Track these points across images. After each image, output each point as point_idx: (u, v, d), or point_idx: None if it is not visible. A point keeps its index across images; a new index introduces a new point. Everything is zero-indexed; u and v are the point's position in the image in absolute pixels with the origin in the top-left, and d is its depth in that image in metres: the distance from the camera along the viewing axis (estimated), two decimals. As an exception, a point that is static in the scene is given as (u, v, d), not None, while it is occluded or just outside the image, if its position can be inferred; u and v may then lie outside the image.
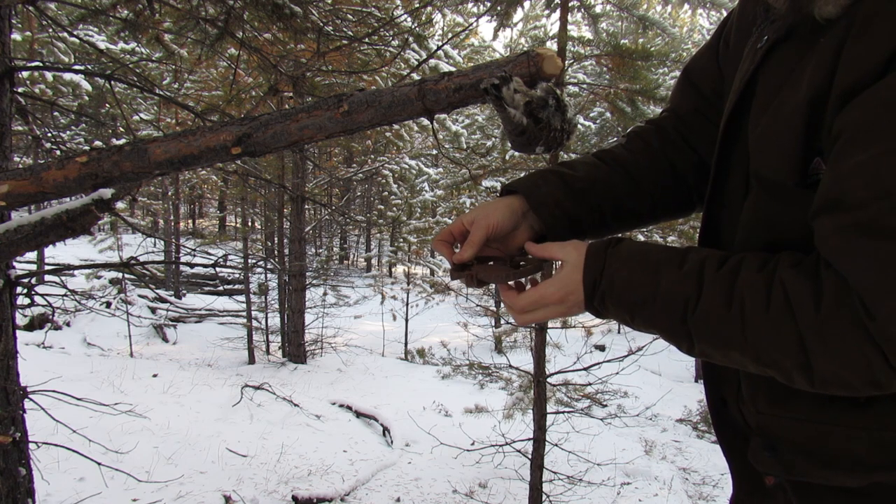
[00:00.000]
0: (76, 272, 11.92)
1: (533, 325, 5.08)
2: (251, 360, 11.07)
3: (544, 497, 4.81)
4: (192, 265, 3.42)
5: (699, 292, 0.66)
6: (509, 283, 0.82)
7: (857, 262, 0.56)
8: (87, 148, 1.06)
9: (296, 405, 7.20)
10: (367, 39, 4.68)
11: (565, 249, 0.77)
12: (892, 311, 0.54)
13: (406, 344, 13.08)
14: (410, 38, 5.51)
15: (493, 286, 0.93)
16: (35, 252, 10.93)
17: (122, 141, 3.83)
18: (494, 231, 0.85)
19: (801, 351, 0.59)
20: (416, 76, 5.38)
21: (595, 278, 0.73)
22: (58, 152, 3.77)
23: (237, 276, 16.06)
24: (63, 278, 5.44)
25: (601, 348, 10.71)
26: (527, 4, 5.40)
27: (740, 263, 0.66)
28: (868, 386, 0.59)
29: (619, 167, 0.94)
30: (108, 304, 11.74)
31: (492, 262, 0.86)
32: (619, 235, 0.78)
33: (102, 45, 7.15)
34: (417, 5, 5.94)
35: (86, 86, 9.00)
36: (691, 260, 0.69)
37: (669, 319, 0.68)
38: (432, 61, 7.49)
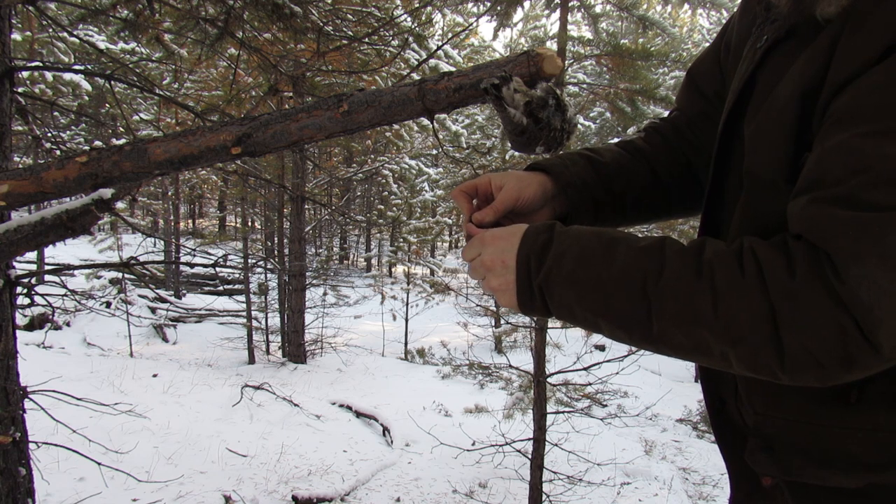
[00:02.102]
0: (76, 272, 11.92)
1: (532, 324, 5.08)
2: (251, 360, 11.07)
3: (544, 497, 4.81)
4: (192, 265, 3.42)
5: (661, 264, 0.61)
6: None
7: (830, 227, 0.55)
8: (87, 148, 1.06)
9: (296, 405, 7.20)
10: (367, 39, 4.68)
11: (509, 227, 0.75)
12: (863, 273, 0.52)
13: (406, 344, 13.08)
14: (410, 38, 5.51)
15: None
16: (35, 252, 10.93)
17: (122, 141, 3.83)
18: (522, 205, 0.83)
19: (771, 324, 0.56)
20: (416, 76, 5.38)
21: (527, 252, 0.69)
22: (58, 152, 3.76)
23: (237, 276, 16.05)
24: (63, 278, 5.44)
25: (601, 348, 10.71)
26: (527, 4, 5.41)
27: (704, 241, 0.63)
28: (839, 363, 0.55)
29: (641, 158, 0.94)
30: (108, 304, 11.74)
31: None
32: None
33: (102, 45, 7.14)
34: (417, 5, 5.94)
35: (86, 86, 9.00)
36: (649, 239, 0.66)
37: (626, 295, 0.62)
38: (432, 61, 7.48)
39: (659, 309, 0.61)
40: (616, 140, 0.99)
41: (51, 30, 5.91)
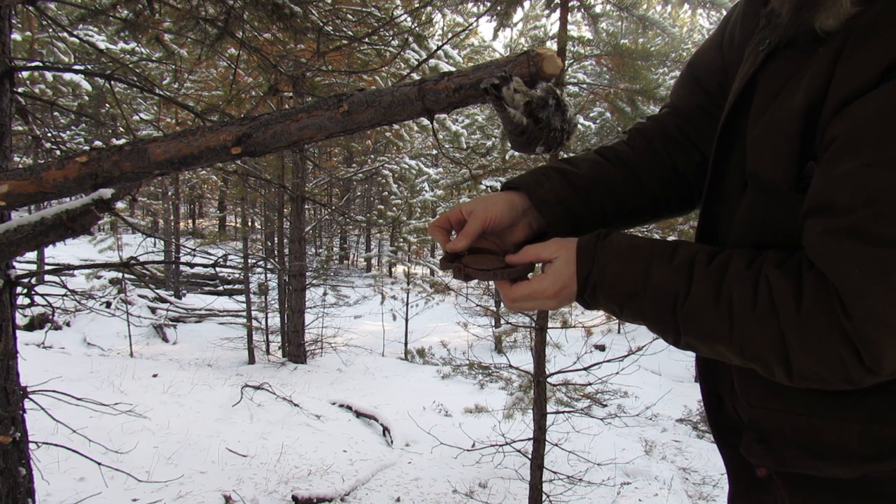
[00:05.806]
0: (76, 272, 11.92)
1: (532, 325, 5.08)
2: (251, 360, 11.07)
3: (544, 497, 4.81)
4: (192, 265, 3.42)
5: (689, 286, 0.68)
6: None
7: (839, 263, 0.58)
8: (87, 148, 1.06)
9: (296, 405, 7.20)
10: (367, 39, 4.68)
11: (549, 248, 0.78)
12: (869, 311, 0.56)
13: (406, 344, 13.08)
14: (410, 38, 5.50)
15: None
16: (35, 252, 10.93)
17: (122, 141, 3.82)
18: (491, 224, 0.85)
19: (781, 347, 0.62)
20: (416, 76, 5.38)
21: (588, 271, 0.74)
22: (58, 152, 3.76)
23: (237, 276, 16.05)
24: (63, 278, 5.44)
25: (601, 348, 10.71)
26: (527, 4, 5.40)
27: (729, 259, 0.67)
28: (842, 382, 0.62)
29: (621, 164, 0.93)
30: (108, 304, 11.74)
31: (485, 255, 0.85)
32: (607, 229, 0.79)
33: (102, 45, 7.14)
34: (417, 5, 5.94)
35: (86, 86, 8.98)
36: (681, 254, 0.70)
37: (658, 312, 0.70)
38: (432, 61, 7.48)
39: (685, 327, 0.69)
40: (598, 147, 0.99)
41: (51, 30, 5.90)
